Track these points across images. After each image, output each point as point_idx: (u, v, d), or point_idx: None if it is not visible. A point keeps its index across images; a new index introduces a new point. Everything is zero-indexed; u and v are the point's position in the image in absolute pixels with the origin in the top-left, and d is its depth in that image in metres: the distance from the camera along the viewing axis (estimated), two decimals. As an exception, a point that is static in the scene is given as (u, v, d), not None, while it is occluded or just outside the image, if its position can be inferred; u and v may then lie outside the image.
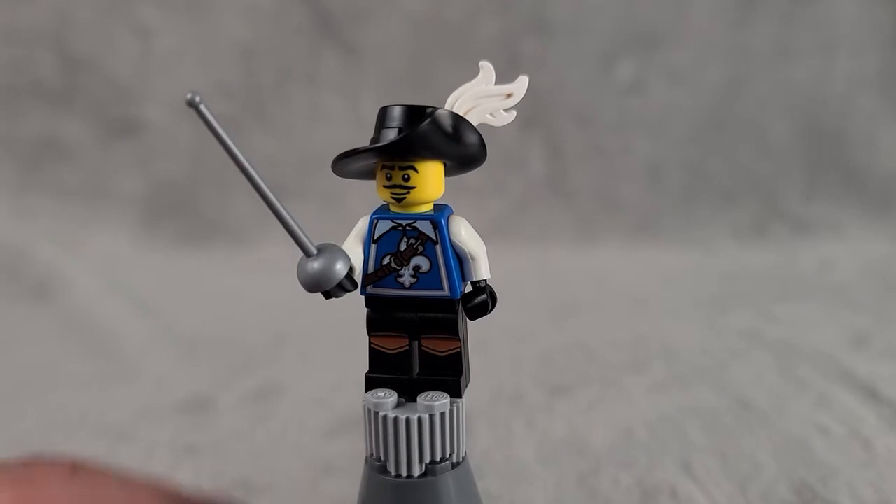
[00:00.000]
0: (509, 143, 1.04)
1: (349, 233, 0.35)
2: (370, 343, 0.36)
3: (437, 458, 0.34)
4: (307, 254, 0.32)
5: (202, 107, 0.29)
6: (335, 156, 0.33)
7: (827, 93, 1.10)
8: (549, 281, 0.95)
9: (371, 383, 0.35)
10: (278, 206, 0.31)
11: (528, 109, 0.34)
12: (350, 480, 0.49)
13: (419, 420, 0.33)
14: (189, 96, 0.29)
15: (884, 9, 1.09)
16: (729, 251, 1.03)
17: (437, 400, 0.34)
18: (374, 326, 0.35)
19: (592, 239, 1.05)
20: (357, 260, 0.34)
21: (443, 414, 0.34)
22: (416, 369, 0.35)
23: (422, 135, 0.32)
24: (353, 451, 0.52)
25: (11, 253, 0.95)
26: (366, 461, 0.35)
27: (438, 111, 0.33)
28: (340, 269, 0.32)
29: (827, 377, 0.63)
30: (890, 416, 0.56)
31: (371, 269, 0.34)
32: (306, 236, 0.32)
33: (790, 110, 1.10)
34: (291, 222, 0.32)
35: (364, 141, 0.35)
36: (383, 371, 0.35)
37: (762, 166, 1.10)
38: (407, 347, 0.35)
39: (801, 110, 1.10)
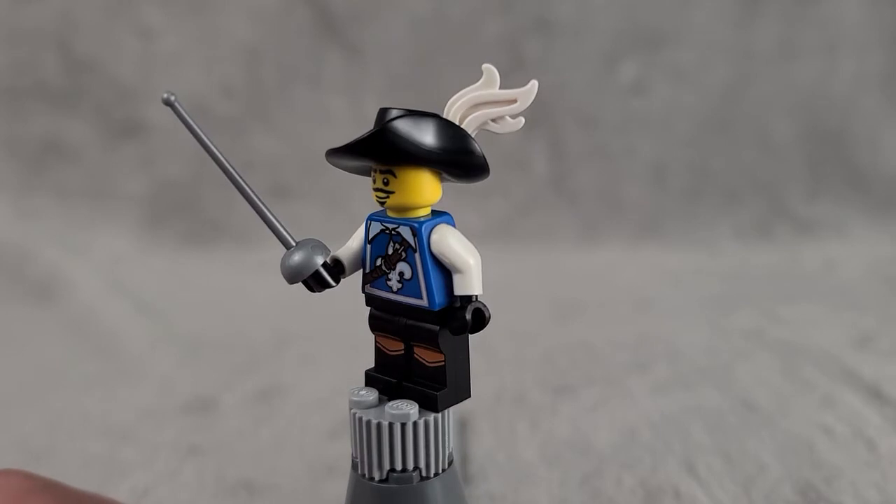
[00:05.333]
0: (512, 144, 1.04)
1: (354, 232, 0.35)
2: (375, 340, 0.36)
3: (399, 467, 0.32)
4: (286, 246, 0.33)
5: (177, 105, 0.31)
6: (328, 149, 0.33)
7: (830, 93, 1.10)
8: (553, 281, 0.95)
9: (368, 381, 0.35)
10: (258, 201, 0.33)
11: (530, 110, 0.33)
12: (353, 481, 0.49)
13: (378, 425, 0.32)
14: (165, 96, 0.30)
15: (887, 9, 1.09)
16: (732, 251, 1.03)
17: (401, 409, 0.32)
18: (374, 326, 0.35)
19: (596, 239, 1.05)
20: (351, 256, 0.34)
21: (404, 425, 0.32)
22: (412, 375, 0.35)
23: (373, 140, 0.31)
24: (356, 452, 0.53)
25: (15, 253, 0.96)
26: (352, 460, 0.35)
27: (409, 117, 0.31)
28: (317, 259, 0.33)
29: (831, 377, 0.63)
30: (894, 417, 0.56)
31: (367, 269, 0.34)
32: (285, 230, 0.33)
33: (793, 110, 1.10)
34: (270, 216, 0.33)
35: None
36: (382, 370, 0.35)
37: (766, 166, 1.09)
38: (403, 351, 0.35)
39: (804, 110, 1.10)
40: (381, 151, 0.32)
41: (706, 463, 0.50)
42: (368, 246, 0.34)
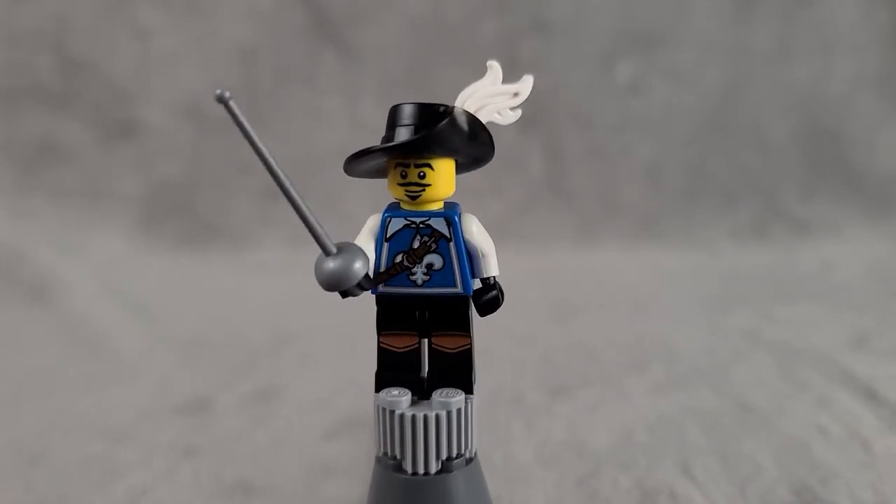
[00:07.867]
0: (509, 145, 1.04)
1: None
2: (379, 342, 0.36)
3: (453, 454, 0.34)
4: (326, 252, 0.32)
5: (231, 102, 0.29)
6: (349, 154, 0.33)
7: (826, 93, 1.10)
8: (550, 282, 0.95)
9: (381, 382, 0.35)
10: (300, 203, 0.31)
11: (528, 110, 0.34)
12: (350, 481, 0.49)
13: (436, 417, 0.34)
14: (218, 92, 0.29)
15: (883, 9, 1.09)
16: (729, 252, 1.03)
17: (453, 397, 0.34)
18: (384, 325, 0.35)
19: (593, 240, 1.05)
20: (370, 258, 0.34)
21: (459, 410, 0.34)
22: (426, 367, 0.36)
23: (440, 133, 0.33)
24: (353, 453, 0.52)
25: (10, 255, 0.95)
26: (377, 460, 0.35)
27: (456, 109, 0.33)
28: (359, 268, 0.32)
29: (827, 378, 0.63)
30: (889, 417, 0.56)
31: (383, 268, 0.34)
32: (326, 234, 0.32)
33: (790, 111, 1.10)
34: (312, 220, 0.32)
35: (363, 141, 0.35)
36: (392, 370, 0.35)
37: (762, 167, 1.10)
38: (416, 346, 0.35)
39: (800, 111, 1.10)
40: (443, 144, 0.33)
41: (702, 464, 0.50)
42: (386, 244, 0.34)
